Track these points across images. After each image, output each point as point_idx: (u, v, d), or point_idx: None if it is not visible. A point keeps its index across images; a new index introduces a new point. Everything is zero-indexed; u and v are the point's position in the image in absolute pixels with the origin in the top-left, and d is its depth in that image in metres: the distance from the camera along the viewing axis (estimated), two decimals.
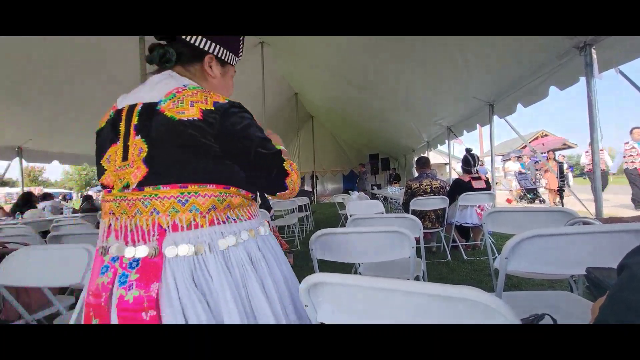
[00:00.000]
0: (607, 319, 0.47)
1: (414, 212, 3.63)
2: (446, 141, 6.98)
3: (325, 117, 11.87)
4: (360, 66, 5.11)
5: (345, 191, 11.86)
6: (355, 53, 4.66)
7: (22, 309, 1.44)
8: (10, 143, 5.72)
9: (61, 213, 5.77)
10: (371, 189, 11.29)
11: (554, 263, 1.06)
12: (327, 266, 2.48)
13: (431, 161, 4.58)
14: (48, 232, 2.33)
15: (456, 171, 7.56)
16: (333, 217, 7.64)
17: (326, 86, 7.26)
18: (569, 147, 18.44)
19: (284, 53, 5.55)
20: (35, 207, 4.96)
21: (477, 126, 5.50)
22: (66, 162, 7.07)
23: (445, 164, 12.77)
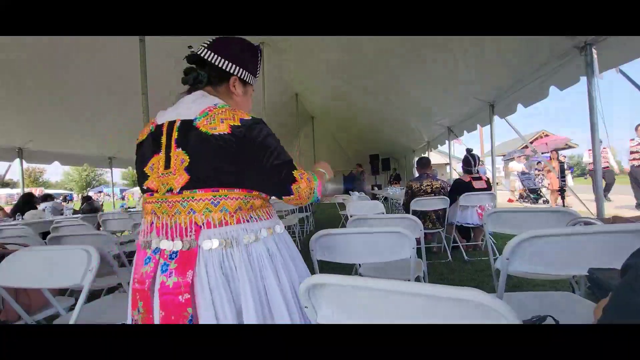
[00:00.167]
0: (611, 320, 0.46)
1: (415, 213, 3.62)
2: (446, 141, 6.98)
3: (325, 118, 11.85)
4: (360, 67, 5.10)
5: (345, 192, 11.83)
6: (355, 54, 4.65)
7: (22, 310, 1.43)
8: (10, 144, 5.73)
9: (61, 214, 5.77)
10: (371, 189, 11.27)
11: (555, 264, 1.05)
12: (328, 267, 2.47)
13: (432, 161, 4.57)
14: (48, 233, 2.32)
15: (457, 171, 7.56)
16: (333, 218, 7.63)
17: (327, 87, 7.25)
18: (570, 147, 18.41)
19: (285, 54, 5.54)
20: (35, 208, 4.96)
21: (478, 126, 5.50)
22: (67, 163, 7.08)
23: (445, 164, 12.75)
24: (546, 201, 8.49)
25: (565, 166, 7.53)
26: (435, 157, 10.46)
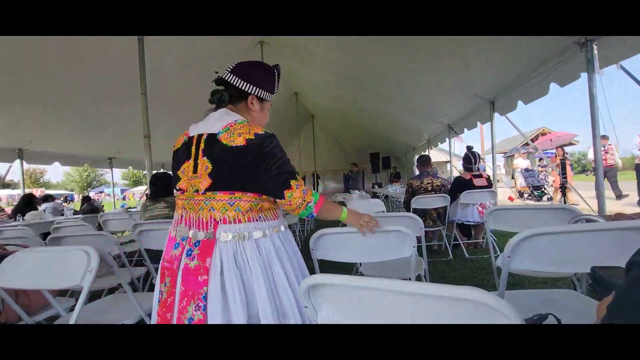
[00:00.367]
0: (616, 318, 0.45)
1: (415, 211, 3.62)
2: (447, 139, 6.96)
3: (325, 117, 11.83)
4: (360, 65, 5.09)
5: (346, 190, 11.84)
6: (355, 52, 4.64)
7: (22, 311, 1.43)
8: (10, 145, 5.73)
9: (62, 214, 5.77)
10: (372, 188, 11.26)
11: (557, 262, 1.05)
12: (328, 266, 2.47)
13: (432, 159, 4.56)
14: (49, 234, 2.32)
15: (457, 169, 7.54)
16: None
17: (326, 85, 7.24)
18: (571, 144, 18.35)
19: (284, 53, 5.53)
20: (36, 209, 4.96)
21: (478, 124, 5.48)
22: (67, 164, 7.08)
23: (446, 162, 12.74)
24: (550, 198, 8.42)
25: (566, 163, 7.49)
26: (435, 155, 10.44)
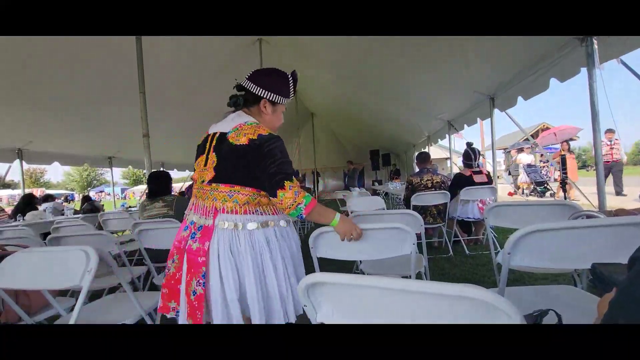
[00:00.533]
0: (617, 314, 0.45)
1: (415, 208, 3.61)
2: (447, 136, 6.95)
3: (325, 114, 11.81)
4: (360, 62, 5.06)
5: (346, 188, 11.83)
6: (354, 50, 4.61)
7: (22, 312, 1.43)
8: (10, 145, 5.72)
9: (62, 214, 5.77)
10: (372, 185, 11.25)
11: (558, 258, 1.04)
12: (328, 264, 2.47)
13: (432, 156, 4.54)
14: (49, 234, 2.32)
15: (457, 166, 7.53)
16: None
17: (326, 83, 7.21)
18: (572, 140, 18.30)
19: (283, 51, 5.50)
20: (36, 209, 4.95)
21: (478, 120, 5.47)
22: (67, 163, 7.08)
23: (446, 159, 12.72)
24: (553, 194, 8.36)
25: (566, 158, 7.45)
26: (435, 152, 10.44)
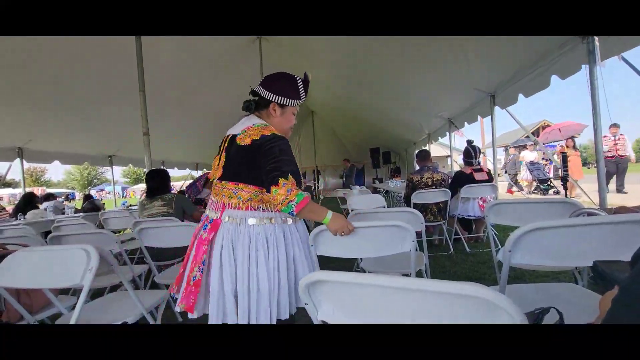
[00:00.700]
0: (620, 312, 0.45)
1: (416, 206, 3.61)
2: (447, 133, 6.93)
3: (325, 112, 11.79)
4: (360, 61, 5.05)
5: (344, 186, 11.82)
6: (354, 47, 4.60)
7: (24, 310, 1.43)
8: (10, 144, 5.71)
9: (63, 213, 5.78)
10: (372, 183, 11.24)
11: (558, 256, 1.04)
12: (328, 262, 2.47)
13: (432, 154, 4.53)
14: (50, 233, 2.32)
15: (458, 163, 7.51)
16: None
17: (326, 81, 7.19)
18: (574, 137, 18.26)
19: (283, 49, 5.49)
20: (37, 208, 4.96)
21: (478, 118, 5.46)
22: (67, 162, 7.06)
23: (446, 157, 12.69)
24: (557, 192, 8.28)
25: (567, 155, 7.41)
26: (436, 149, 10.41)
